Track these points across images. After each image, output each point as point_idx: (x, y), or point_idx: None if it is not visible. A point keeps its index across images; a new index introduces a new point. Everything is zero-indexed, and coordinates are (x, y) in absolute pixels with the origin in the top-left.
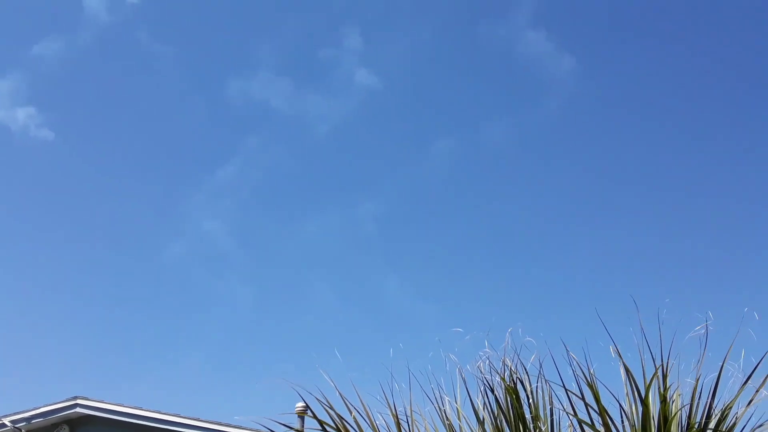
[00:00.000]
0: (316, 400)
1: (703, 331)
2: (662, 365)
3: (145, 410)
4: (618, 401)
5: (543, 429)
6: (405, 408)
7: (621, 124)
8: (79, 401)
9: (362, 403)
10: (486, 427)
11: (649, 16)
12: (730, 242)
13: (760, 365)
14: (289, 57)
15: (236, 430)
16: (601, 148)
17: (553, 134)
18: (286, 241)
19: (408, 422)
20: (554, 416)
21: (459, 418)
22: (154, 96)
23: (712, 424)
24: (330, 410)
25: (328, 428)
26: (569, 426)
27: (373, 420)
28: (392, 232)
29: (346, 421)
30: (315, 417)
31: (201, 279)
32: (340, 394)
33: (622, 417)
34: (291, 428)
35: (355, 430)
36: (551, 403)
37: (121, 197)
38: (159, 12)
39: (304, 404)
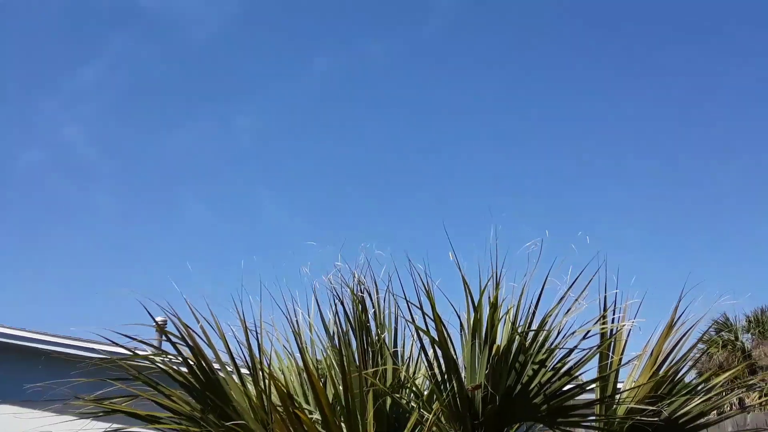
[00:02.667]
0: (161, 310)
1: (533, 247)
2: (495, 274)
3: None
4: (453, 307)
5: (386, 338)
6: (255, 320)
7: (498, 49)
8: None
9: (212, 314)
10: (334, 337)
11: None
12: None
13: (580, 278)
14: None
15: (74, 342)
16: (476, 71)
17: (432, 56)
18: (156, 150)
19: (257, 333)
20: (398, 326)
21: (310, 330)
22: None
23: (534, 327)
24: (174, 317)
25: (173, 339)
26: (412, 335)
27: (222, 331)
28: (268, 147)
29: (192, 330)
30: (157, 326)
31: (59, 189)
32: (187, 302)
33: (461, 324)
34: (146, 343)
35: (203, 339)
36: (396, 313)
37: None
38: None
39: (164, 317)
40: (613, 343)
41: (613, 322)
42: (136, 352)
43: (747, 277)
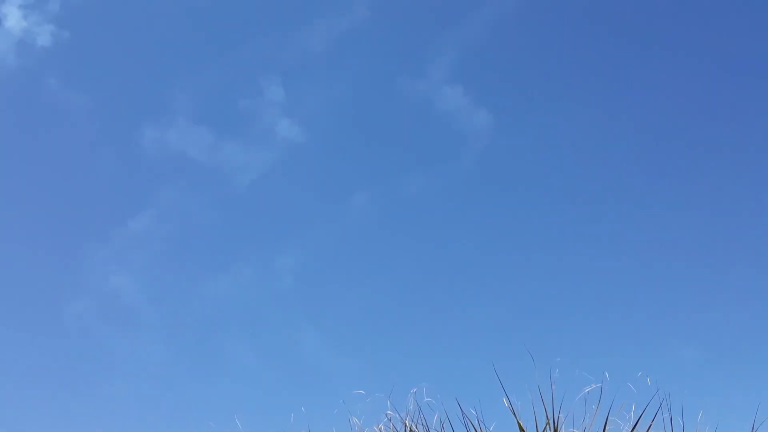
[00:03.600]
0: None
1: (589, 389)
2: (553, 419)
3: None
4: None
5: None
6: None
7: (535, 177)
8: None
9: None
10: None
11: (563, 72)
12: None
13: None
14: (207, 106)
15: None
16: (516, 202)
17: (469, 187)
18: (202, 296)
19: None
20: None
21: None
22: (61, 144)
23: None
24: None
25: None
26: None
27: None
28: (310, 287)
29: None
30: None
31: (106, 339)
32: None
33: None
34: None
35: None
36: None
37: (19, 251)
38: (71, 57)
39: None
40: None
41: None
42: None
43: None
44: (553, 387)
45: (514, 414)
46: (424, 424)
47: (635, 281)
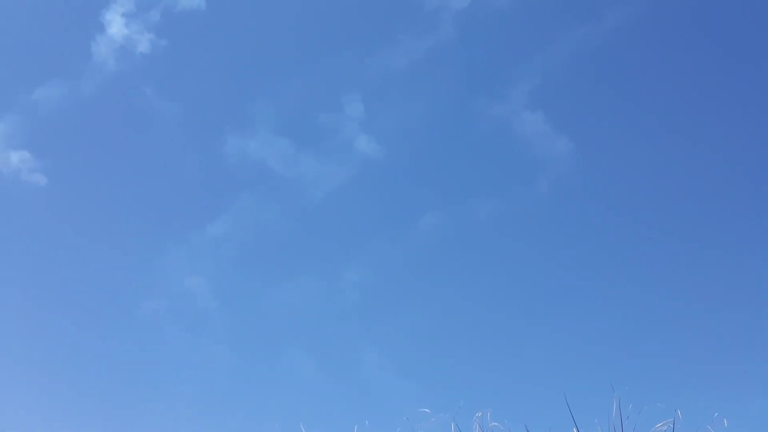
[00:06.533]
0: None
1: (662, 425)
2: None
3: None
4: None
5: None
6: None
7: (612, 208)
8: None
9: None
10: None
11: (647, 100)
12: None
13: None
14: (289, 118)
15: None
16: (591, 232)
17: (543, 215)
18: (269, 304)
19: None
20: None
21: None
22: (150, 148)
23: None
24: None
25: None
26: None
27: None
28: (375, 303)
29: None
30: None
31: (176, 338)
32: None
33: None
34: None
35: None
36: None
37: (102, 247)
38: (167, 65)
39: None
40: None
41: None
42: None
43: None
44: (626, 419)
45: None
46: None
47: (718, 326)
